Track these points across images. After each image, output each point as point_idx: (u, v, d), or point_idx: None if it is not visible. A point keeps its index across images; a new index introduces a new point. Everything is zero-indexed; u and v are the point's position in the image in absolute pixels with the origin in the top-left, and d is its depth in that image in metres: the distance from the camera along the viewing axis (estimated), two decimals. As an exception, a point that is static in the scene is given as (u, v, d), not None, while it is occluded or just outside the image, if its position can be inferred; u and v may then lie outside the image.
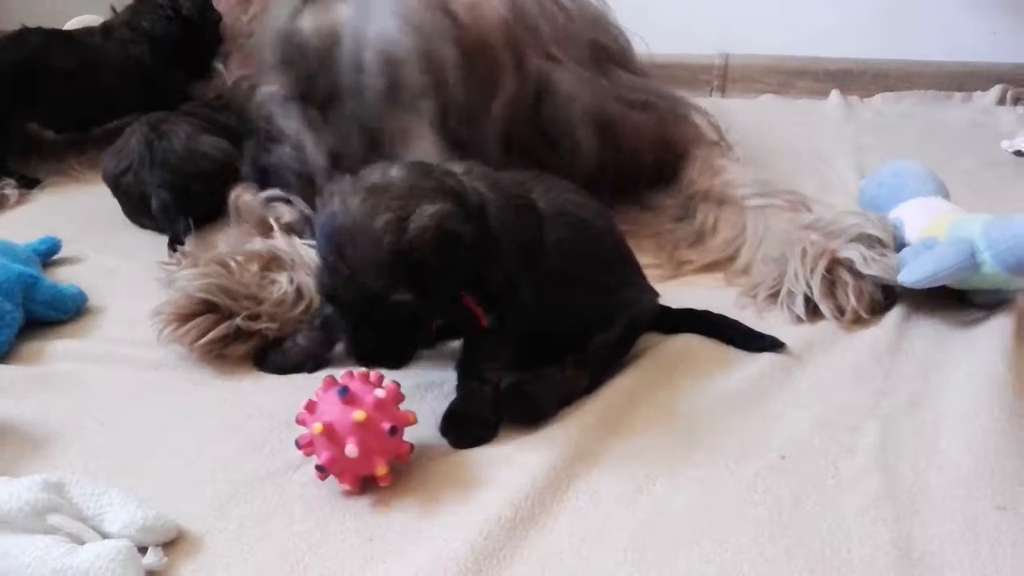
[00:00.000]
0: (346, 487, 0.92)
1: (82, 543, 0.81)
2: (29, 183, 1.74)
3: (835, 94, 2.12)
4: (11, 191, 1.71)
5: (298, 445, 0.93)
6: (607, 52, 1.57)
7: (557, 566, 0.83)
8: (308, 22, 1.28)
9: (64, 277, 1.36)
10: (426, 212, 0.91)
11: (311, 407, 0.93)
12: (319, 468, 0.91)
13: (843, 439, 0.98)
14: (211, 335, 1.11)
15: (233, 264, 1.20)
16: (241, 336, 1.13)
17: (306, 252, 1.24)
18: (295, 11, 1.30)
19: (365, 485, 0.93)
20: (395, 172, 0.95)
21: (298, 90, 1.31)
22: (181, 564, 0.84)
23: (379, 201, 0.91)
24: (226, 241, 1.31)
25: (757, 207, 1.39)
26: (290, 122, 1.34)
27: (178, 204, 1.46)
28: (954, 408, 1.02)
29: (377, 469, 0.91)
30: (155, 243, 1.49)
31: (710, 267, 1.35)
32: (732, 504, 0.90)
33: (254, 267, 1.20)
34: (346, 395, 0.90)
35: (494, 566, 0.83)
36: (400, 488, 0.93)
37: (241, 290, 1.15)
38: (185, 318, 1.12)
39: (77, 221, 1.58)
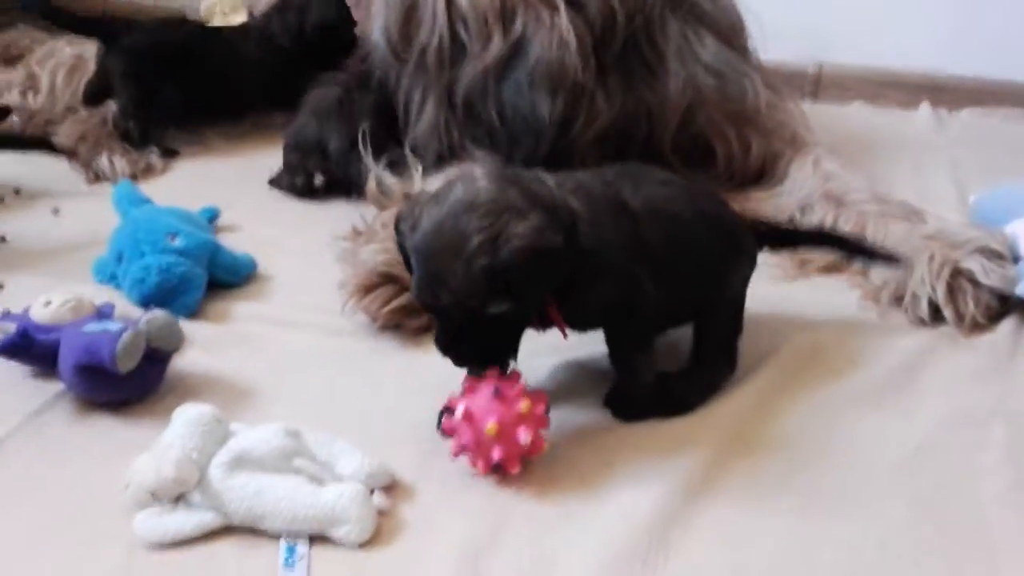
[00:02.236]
0: (515, 471, 0.97)
1: (321, 484, 0.93)
2: (169, 153, 1.85)
3: (925, 105, 2.19)
4: (156, 159, 1.82)
5: (466, 452, 0.97)
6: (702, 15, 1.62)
7: (733, 530, 0.94)
8: None
9: (230, 244, 1.44)
10: (517, 230, 0.91)
11: (468, 415, 0.96)
12: (496, 466, 0.96)
13: (973, 435, 1.08)
14: (393, 304, 1.21)
15: None
16: (416, 310, 1.23)
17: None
18: None
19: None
20: (480, 183, 0.95)
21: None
22: (401, 506, 0.96)
23: (469, 220, 0.92)
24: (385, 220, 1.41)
25: (875, 212, 1.47)
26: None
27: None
28: (1073, 411, 1.12)
29: (544, 448, 1.00)
30: (304, 214, 1.61)
31: (829, 268, 1.43)
32: (880, 486, 1.00)
33: (422, 245, 1.30)
34: (500, 392, 0.96)
35: (679, 525, 0.94)
36: (580, 454, 1.04)
37: None
38: (367, 289, 1.22)
39: (221, 191, 1.66)
